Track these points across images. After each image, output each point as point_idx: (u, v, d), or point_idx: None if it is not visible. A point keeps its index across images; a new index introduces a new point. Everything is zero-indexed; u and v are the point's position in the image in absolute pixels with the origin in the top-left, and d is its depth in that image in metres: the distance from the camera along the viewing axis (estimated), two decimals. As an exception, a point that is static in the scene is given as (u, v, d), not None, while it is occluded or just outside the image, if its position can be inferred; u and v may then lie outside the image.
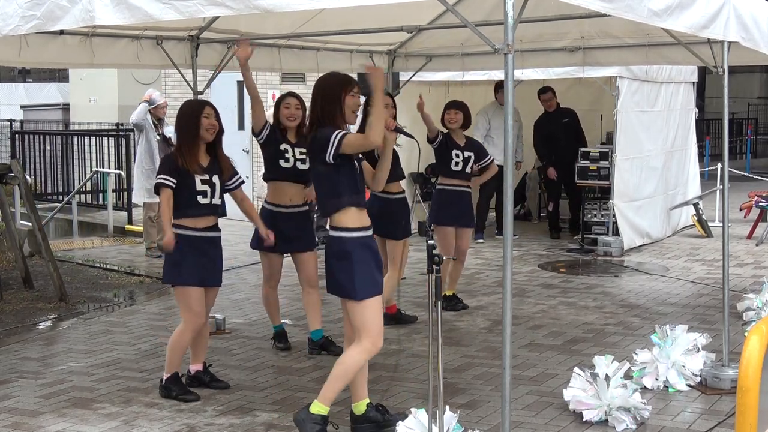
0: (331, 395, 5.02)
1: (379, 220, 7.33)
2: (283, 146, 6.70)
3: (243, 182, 6.12)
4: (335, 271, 4.97)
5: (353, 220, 4.95)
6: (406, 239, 7.45)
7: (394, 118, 6.80)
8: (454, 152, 7.92)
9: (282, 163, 6.69)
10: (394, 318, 7.73)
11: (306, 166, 6.55)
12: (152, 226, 10.98)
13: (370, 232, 5.05)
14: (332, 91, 5.00)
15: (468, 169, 8.02)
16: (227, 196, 6.08)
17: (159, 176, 5.74)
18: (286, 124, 6.76)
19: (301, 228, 6.81)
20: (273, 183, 6.80)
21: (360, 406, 5.20)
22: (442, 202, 8.06)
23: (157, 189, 5.74)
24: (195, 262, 5.77)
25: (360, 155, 5.14)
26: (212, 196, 5.82)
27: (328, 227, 5.11)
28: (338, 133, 4.87)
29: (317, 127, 4.98)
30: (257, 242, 6.68)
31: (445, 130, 7.99)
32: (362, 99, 5.41)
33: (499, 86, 11.98)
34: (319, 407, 4.99)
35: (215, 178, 5.84)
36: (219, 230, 5.95)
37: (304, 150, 6.32)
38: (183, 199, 5.74)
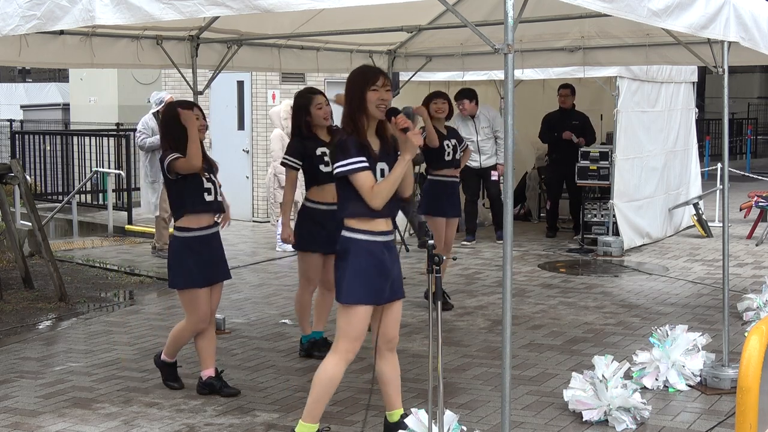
0: (312, 410, 4.74)
1: None
2: (319, 150, 6.37)
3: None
4: (335, 269, 4.81)
5: (362, 223, 4.67)
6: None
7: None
8: (445, 143, 8.02)
9: (323, 168, 6.30)
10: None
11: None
12: (164, 227, 10.93)
13: (380, 238, 4.71)
14: (355, 88, 4.74)
15: (458, 156, 8.17)
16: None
17: (172, 153, 5.67)
18: (321, 124, 6.47)
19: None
20: (319, 186, 6.47)
21: (393, 416, 4.98)
22: (436, 194, 8.11)
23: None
24: (199, 263, 5.76)
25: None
26: (216, 193, 5.86)
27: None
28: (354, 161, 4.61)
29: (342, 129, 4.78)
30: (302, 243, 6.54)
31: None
32: None
33: (459, 94, 10.93)
34: (303, 427, 4.74)
35: (213, 176, 5.91)
36: (217, 225, 5.97)
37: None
38: (191, 197, 5.74)
